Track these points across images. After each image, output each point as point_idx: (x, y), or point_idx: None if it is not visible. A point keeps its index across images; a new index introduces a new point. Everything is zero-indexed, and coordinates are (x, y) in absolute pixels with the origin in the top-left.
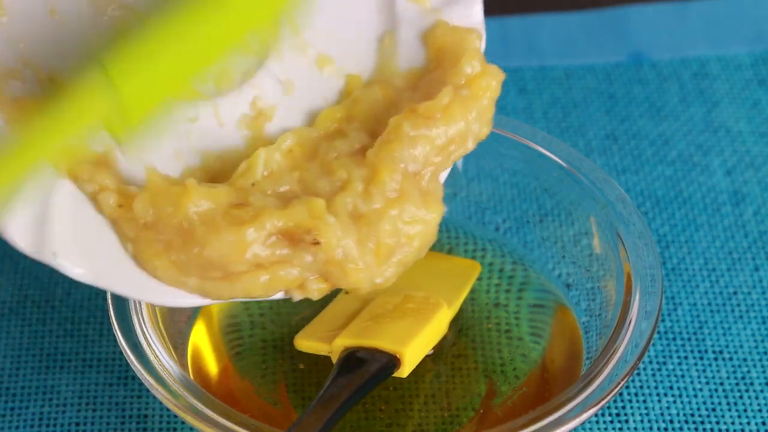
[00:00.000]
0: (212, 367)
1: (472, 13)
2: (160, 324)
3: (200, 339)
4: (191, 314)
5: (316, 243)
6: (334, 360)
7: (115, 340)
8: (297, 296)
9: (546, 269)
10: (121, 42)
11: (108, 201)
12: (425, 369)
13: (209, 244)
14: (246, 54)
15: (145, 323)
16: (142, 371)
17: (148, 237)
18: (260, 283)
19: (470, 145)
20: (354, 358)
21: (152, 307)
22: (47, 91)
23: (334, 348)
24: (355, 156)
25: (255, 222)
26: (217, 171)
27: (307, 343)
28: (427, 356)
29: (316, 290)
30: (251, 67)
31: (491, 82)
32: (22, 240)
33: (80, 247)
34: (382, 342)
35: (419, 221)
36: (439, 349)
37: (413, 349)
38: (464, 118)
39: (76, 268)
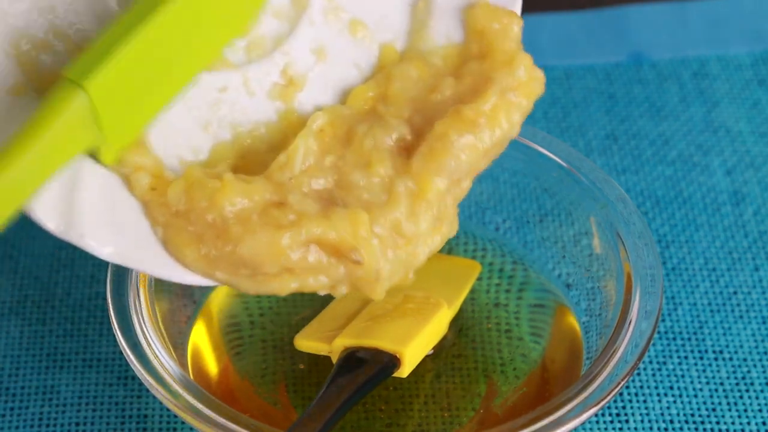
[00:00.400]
0: (212, 367)
1: None
2: (160, 324)
3: (200, 339)
4: (191, 314)
5: (357, 262)
6: (334, 360)
7: (115, 340)
8: (322, 292)
9: (546, 269)
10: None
11: (141, 182)
12: (425, 369)
13: (243, 244)
14: (278, 18)
15: (145, 323)
16: (142, 371)
17: (179, 225)
18: (289, 288)
19: (504, 148)
20: (354, 358)
21: (152, 307)
22: None
23: (334, 348)
24: (395, 152)
25: (293, 228)
26: (248, 149)
27: (307, 343)
28: (427, 356)
29: (341, 293)
30: (283, 33)
31: (538, 88)
32: (49, 220)
33: (108, 228)
34: (382, 342)
35: (440, 241)
36: (439, 349)
37: (413, 349)
38: (509, 122)
39: (104, 247)
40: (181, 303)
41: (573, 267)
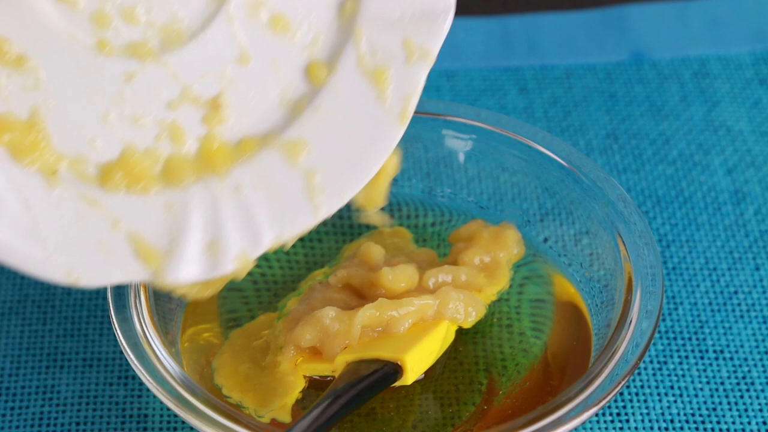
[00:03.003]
0: (213, 365)
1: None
2: (160, 323)
3: (200, 337)
4: (191, 313)
5: None
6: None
7: (115, 340)
8: None
9: (547, 266)
10: None
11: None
12: None
13: None
14: (195, 10)
15: (145, 322)
16: (143, 371)
17: None
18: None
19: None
20: (357, 367)
21: (152, 306)
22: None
23: (336, 365)
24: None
25: None
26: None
27: (310, 366)
28: None
29: None
30: (198, 27)
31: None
32: None
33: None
34: (383, 352)
35: None
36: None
37: (414, 356)
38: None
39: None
40: (181, 301)
41: (573, 266)
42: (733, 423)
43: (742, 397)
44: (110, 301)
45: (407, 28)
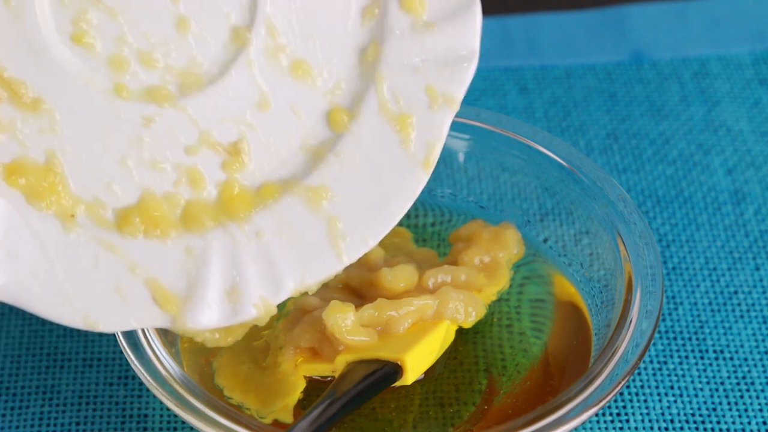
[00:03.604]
0: (213, 365)
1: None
2: None
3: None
4: None
5: None
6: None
7: (116, 340)
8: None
9: (547, 266)
10: None
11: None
12: None
13: None
14: (215, 54)
15: None
16: (143, 371)
17: None
18: None
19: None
20: (357, 367)
21: None
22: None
23: (336, 365)
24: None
25: None
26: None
27: (310, 366)
28: None
29: None
30: (217, 72)
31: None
32: None
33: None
34: (383, 352)
35: None
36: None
37: (414, 356)
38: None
39: None
40: None
41: (573, 266)
42: (733, 423)
43: (742, 397)
44: None
45: (430, 74)
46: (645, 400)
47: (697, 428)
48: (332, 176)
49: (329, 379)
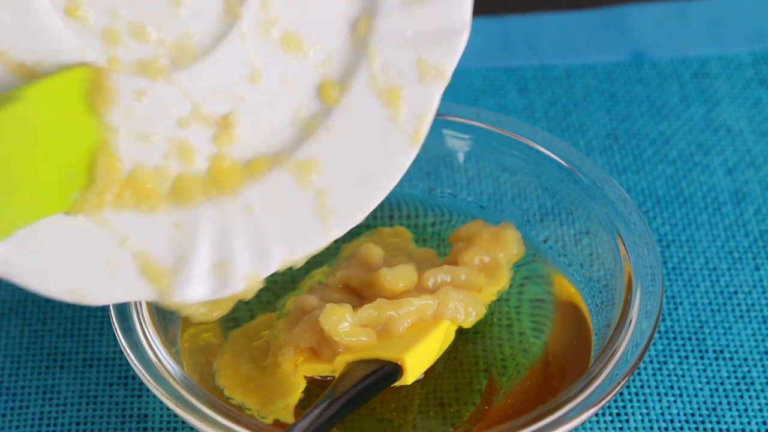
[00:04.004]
0: (213, 365)
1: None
2: (161, 323)
3: (200, 337)
4: None
5: None
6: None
7: (116, 340)
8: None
9: (547, 266)
10: None
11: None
12: None
13: None
14: (208, 26)
15: (145, 322)
16: (143, 371)
17: None
18: None
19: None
20: (357, 367)
21: (153, 306)
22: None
23: (336, 365)
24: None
25: None
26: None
27: (310, 366)
28: None
29: None
30: (209, 44)
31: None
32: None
33: None
34: (383, 352)
35: None
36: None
37: (414, 356)
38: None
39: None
40: None
41: (573, 266)
42: (733, 423)
43: (741, 397)
44: None
45: (421, 48)
46: (645, 400)
47: (697, 428)
48: (322, 150)
49: (329, 379)
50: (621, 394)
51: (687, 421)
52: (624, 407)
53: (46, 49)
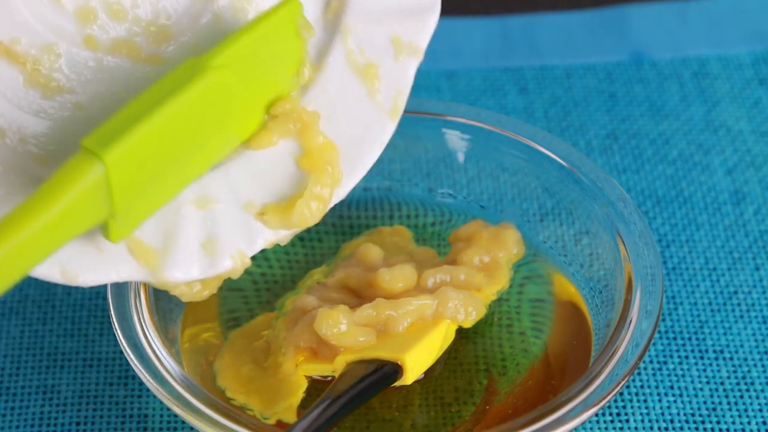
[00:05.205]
0: (213, 365)
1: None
2: (161, 323)
3: (200, 336)
4: (191, 312)
5: None
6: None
7: (116, 340)
8: None
9: (547, 266)
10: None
11: None
12: None
13: None
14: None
15: (145, 322)
16: (143, 371)
17: None
18: None
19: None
20: (357, 367)
21: (152, 306)
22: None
23: (336, 365)
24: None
25: None
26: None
27: (310, 366)
28: None
29: None
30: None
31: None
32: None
33: None
34: (383, 352)
35: None
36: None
37: (414, 355)
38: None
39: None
40: (181, 301)
41: (573, 266)
42: (733, 423)
43: (741, 397)
44: (110, 301)
45: (394, 25)
46: (645, 400)
47: (697, 428)
48: None
49: (330, 379)
50: (621, 394)
51: (687, 421)
52: (624, 407)
53: (21, 28)
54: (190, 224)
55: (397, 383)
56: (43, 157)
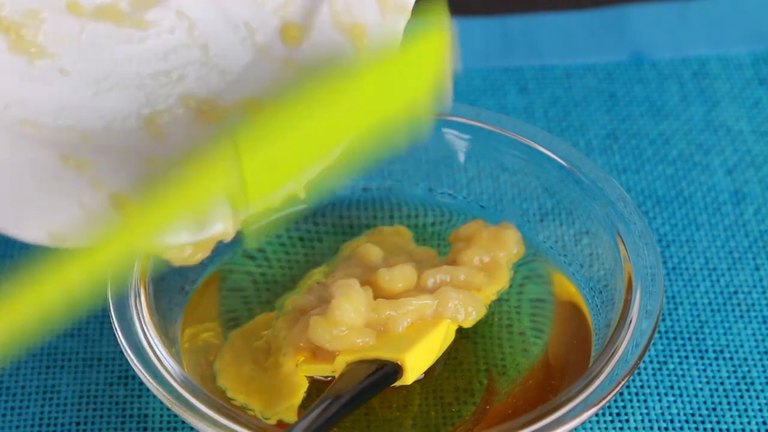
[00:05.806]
0: (213, 365)
1: None
2: (160, 323)
3: (200, 336)
4: (190, 312)
5: None
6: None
7: (116, 340)
8: None
9: (547, 266)
10: (252, 121)
11: None
12: None
13: None
14: None
15: (145, 322)
16: (143, 370)
17: None
18: None
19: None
20: (357, 367)
21: (152, 306)
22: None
23: (336, 365)
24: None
25: None
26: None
27: (310, 366)
28: None
29: None
30: None
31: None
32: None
33: None
34: (383, 352)
35: None
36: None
37: (414, 355)
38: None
39: None
40: (180, 301)
41: (573, 266)
42: (733, 423)
43: (741, 397)
44: (110, 301)
45: None
46: (645, 400)
47: (697, 428)
48: (290, 90)
49: (330, 379)
50: (621, 394)
51: (687, 421)
52: (624, 407)
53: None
54: None
55: (397, 383)
56: (29, 122)
